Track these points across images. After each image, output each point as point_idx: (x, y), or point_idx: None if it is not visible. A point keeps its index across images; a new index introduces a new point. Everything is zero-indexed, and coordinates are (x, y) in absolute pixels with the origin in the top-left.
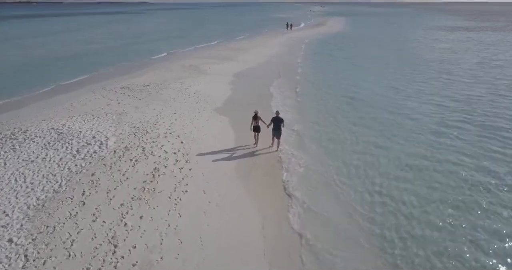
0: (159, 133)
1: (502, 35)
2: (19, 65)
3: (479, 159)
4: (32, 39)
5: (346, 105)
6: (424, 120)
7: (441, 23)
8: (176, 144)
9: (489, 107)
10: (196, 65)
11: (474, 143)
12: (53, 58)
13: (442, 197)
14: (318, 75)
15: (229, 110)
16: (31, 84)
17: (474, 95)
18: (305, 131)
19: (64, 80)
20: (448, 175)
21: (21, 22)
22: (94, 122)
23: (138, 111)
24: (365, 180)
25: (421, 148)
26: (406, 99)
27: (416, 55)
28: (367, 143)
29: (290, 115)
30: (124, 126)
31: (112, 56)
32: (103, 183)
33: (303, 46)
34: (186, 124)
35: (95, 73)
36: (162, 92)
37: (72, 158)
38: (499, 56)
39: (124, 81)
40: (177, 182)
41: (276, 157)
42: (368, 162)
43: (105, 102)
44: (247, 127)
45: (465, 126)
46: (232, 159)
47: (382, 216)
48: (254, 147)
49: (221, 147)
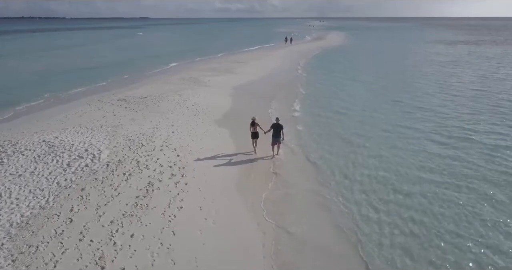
0: (155, 146)
1: (504, 48)
2: (17, 78)
3: (482, 177)
4: (33, 53)
5: (345, 119)
6: (425, 136)
7: (441, 37)
8: (172, 157)
9: (493, 122)
10: (195, 78)
11: (478, 161)
12: (51, 71)
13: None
14: (318, 88)
15: (228, 122)
16: (27, 96)
17: (477, 109)
18: (302, 147)
19: (61, 92)
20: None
21: (23, 36)
22: (87, 134)
23: (134, 124)
24: (368, 203)
25: (422, 164)
26: (406, 113)
27: (417, 69)
28: (368, 157)
29: (289, 128)
30: (118, 139)
31: (111, 69)
32: (93, 199)
33: (303, 60)
34: (184, 136)
35: (93, 86)
36: (160, 105)
37: (62, 172)
38: (500, 69)
39: (122, 93)
40: (172, 197)
41: (275, 168)
42: (370, 178)
43: (101, 114)
44: (246, 139)
45: (468, 143)
46: (230, 172)
47: (378, 232)
48: (253, 154)
49: (219, 160)
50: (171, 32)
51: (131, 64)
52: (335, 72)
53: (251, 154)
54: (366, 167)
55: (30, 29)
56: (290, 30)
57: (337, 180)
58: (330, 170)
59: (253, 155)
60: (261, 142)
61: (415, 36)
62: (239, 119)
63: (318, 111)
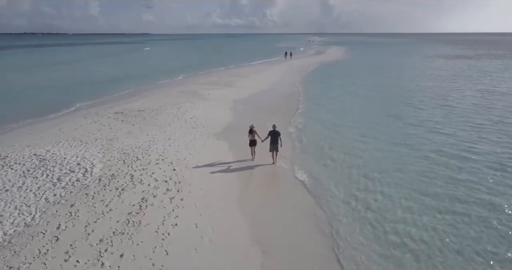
0: (150, 160)
1: (503, 62)
2: (13, 93)
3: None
4: (34, 68)
5: (343, 134)
6: (428, 151)
7: (439, 51)
8: (168, 171)
9: (497, 137)
10: (194, 91)
11: (484, 182)
12: (50, 86)
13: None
14: (317, 103)
15: (227, 136)
16: (22, 110)
17: (479, 125)
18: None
19: (57, 106)
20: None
21: (25, 51)
22: (81, 148)
23: (130, 137)
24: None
25: (423, 184)
26: (408, 128)
27: (417, 83)
28: (370, 172)
29: (287, 143)
30: (113, 152)
31: (111, 83)
32: (83, 215)
33: (303, 74)
34: (181, 150)
35: (91, 99)
36: (157, 118)
37: (52, 187)
38: (501, 83)
39: (119, 106)
40: (166, 213)
41: (274, 180)
42: (373, 196)
43: (97, 127)
44: (245, 151)
45: (473, 162)
46: (229, 186)
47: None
48: (251, 161)
49: (217, 174)
50: (173, 47)
51: (132, 78)
52: (335, 86)
53: (249, 161)
54: (364, 184)
55: (32, 44)
56: (291, 45)
57: (337, 197)
58: (327, 186)
59: (251, 162)
60: (259, 150)
61: (414, 51)
62: (238, 132)
63: (317, 125)
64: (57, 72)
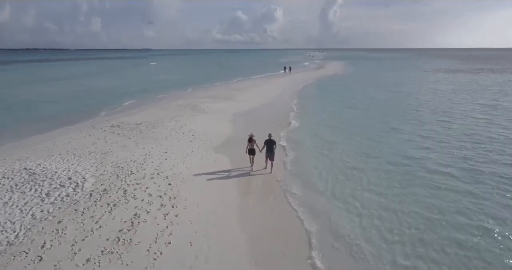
0: (145, 174)
1: (503, 76)
2: (13, 106)
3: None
4: (35, 82)
5: (343, 149)
6: (432, 169)
7: (439, 66)
8: (163, 186)
9: (499, 154)
10: (194, 104)
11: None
12: (48, 101)
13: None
14: (318, 116)
15: (225, 149)
16: (16, 124)
17: (482, 139)
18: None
19: (52, 120)
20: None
21: (27, 67)
22: (74, 161)
23: (125, 151)
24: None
25: (427, 201)
26: (411, 144)
27: (418, 98)
28: (373, 193)
29: (284, 153)
30: (107, 166)
31: (108, 97)
32: (70, 233)
33: (303, 88)
34: (177, 164)
35: (87, 113)
36: (154, 131)
37: (40, 202)
38: (502, 97)
39: (116, 119)
40: (160, 231)
41: (272, 194)
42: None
43: (91, 141)
44: (243, 163)
45: (478, 175)
46: (226, 201)
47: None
48: (249, 170)
49: (213, 189)
50: (177, 62)
51: (126, 93)
52: (334, 100)
53: (247, 169)
54: (363, 200)
55: (33, 59)
56: (292, 60)
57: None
58: (325, 203)
59: (249, 173)
60: (257, 159)
61: (413, 65)
62: (236, 145)
63: (315, 139)
64: (55, 87)
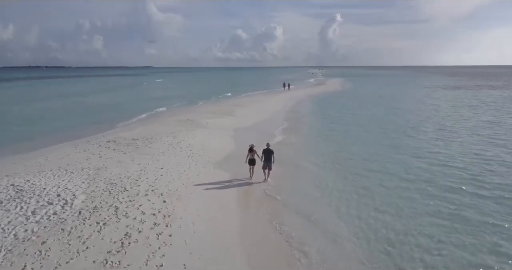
0: (139, 190)
1: (505, 93)
2: (10, 122)
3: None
4: (38, 99)
5: (345, 166)
6: (438, 189)
7: (439, 83)
8: (157, 204)
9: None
10: (193, 120)
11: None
12: (47, 117)
13: None
14: (317, 133)
15: (223, 164)
16: (12, 140)
17: (486, 158)
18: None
19: (48, 137)
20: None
21: (30, 84)
22: (65, 178)
23: (120, 166)
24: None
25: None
26: (416, 161)
27: (421, 114)
28: (375, 211)
29: (290, 173)
30: (99, 182)
31: (108, 113)
32: (54, 255)
33: (304, 104)
34: (173, 180)
35: (84, 129)
36: (151, 146)
37: (24, 221)
38: (505, 115)
39: (113, 135)
40: (152, 252)
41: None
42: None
43: (85, 156)
44: (241, 181)
45: (480, 198)
46: (223, 221)
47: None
48: (248, 184)
49: (210, 206)
50: (179, 79)
51: (127, 108)
52: (335, 117)
53: (245, 182)
54: (364, 220)
55: (36, 76)
56: (292, 77)
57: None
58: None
59: (248, 182)
60: (257, 170)
61: (413, 82)
62: (235, 161)
63: (322, 158)
64: (55, 104)
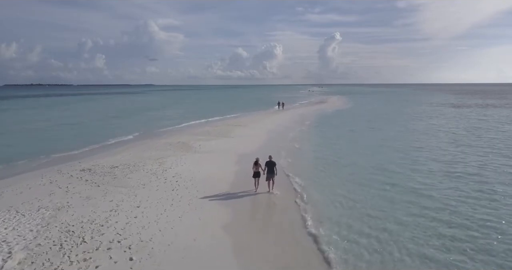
0: (101, 242)
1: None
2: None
3: None
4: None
5: (348, 186)
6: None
7: (443, 100)
8: (120, 263)
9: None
10: (184, 142)
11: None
12: (27, 139)
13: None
14: (318, 154)
15: (213, 200)
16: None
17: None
18: None
19: (16, 162)
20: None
21: (31, 100)
22: (10, 223)
23: (87, 205)
24: None
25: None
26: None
27: (428, 134)
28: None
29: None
30: (53, 230)
31: (93, 134)
32: None
33: (306, 123)
34: (148, 225)
35: (63, 153)
36: (131, 176)
37: None
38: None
39: (90, 161)
40: None
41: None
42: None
43: (49, 190)
44: (239, 225)
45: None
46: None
47: None
48: (253, 192)
49: (191, 265)
50: (168, 97)
51: (116, 128)
52: (339, 136)
53: (251, 192)
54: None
55: (37, 94)
56: (293, 95)
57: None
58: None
59: (253, 193)
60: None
61: (415, 100)
62: (229, 195)
63: (326, 179)
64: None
